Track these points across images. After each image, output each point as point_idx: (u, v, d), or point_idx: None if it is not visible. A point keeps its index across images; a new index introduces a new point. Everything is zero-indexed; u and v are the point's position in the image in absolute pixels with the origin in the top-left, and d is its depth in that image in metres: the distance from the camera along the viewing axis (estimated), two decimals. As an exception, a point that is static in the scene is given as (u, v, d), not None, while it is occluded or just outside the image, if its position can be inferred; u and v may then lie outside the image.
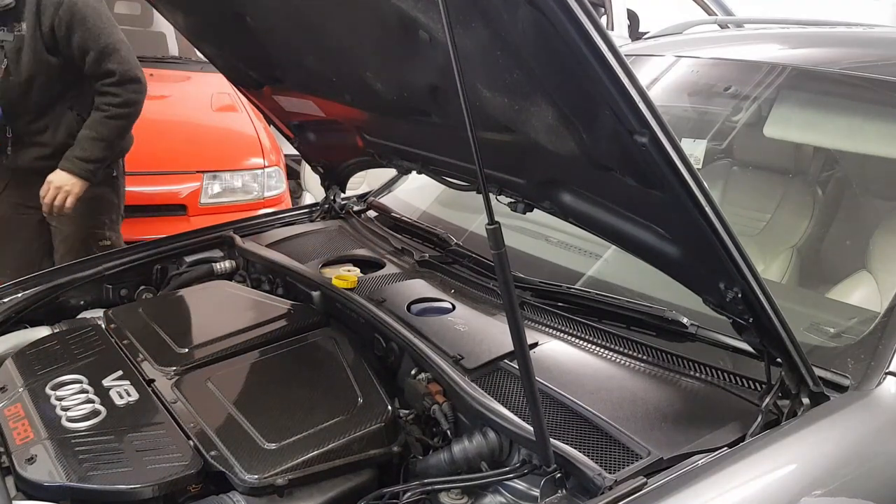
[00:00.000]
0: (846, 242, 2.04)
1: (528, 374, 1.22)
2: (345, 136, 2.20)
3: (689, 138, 2.25)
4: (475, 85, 1.37)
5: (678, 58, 2.51)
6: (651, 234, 1.44)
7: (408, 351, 1.73)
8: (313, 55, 1.80)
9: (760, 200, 2.21)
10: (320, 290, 2.06)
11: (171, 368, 1.74)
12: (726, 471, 1.28)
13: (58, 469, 1.42)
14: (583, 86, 1.14)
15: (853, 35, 2.65)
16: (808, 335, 1.62)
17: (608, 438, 1.40)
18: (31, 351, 1.83)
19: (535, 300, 1.89)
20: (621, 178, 1.33)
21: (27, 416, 1.58)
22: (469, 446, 1.47)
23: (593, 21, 1.02)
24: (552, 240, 2.14)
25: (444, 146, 1.84)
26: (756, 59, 2.43)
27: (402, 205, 2.54)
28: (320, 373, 1.75)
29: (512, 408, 1.49)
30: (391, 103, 1.71)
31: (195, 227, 2.54)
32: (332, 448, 1.48)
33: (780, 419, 1.42)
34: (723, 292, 1.33)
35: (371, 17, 1.44)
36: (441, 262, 2.16)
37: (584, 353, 1.71)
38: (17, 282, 2.11)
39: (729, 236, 1.22)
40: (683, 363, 1.62)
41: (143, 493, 1.39)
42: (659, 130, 1.11)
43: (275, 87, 2.11)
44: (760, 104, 2.24)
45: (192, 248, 2.38)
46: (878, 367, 1.47)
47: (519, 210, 1.72)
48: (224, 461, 1.44)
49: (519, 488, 1.43)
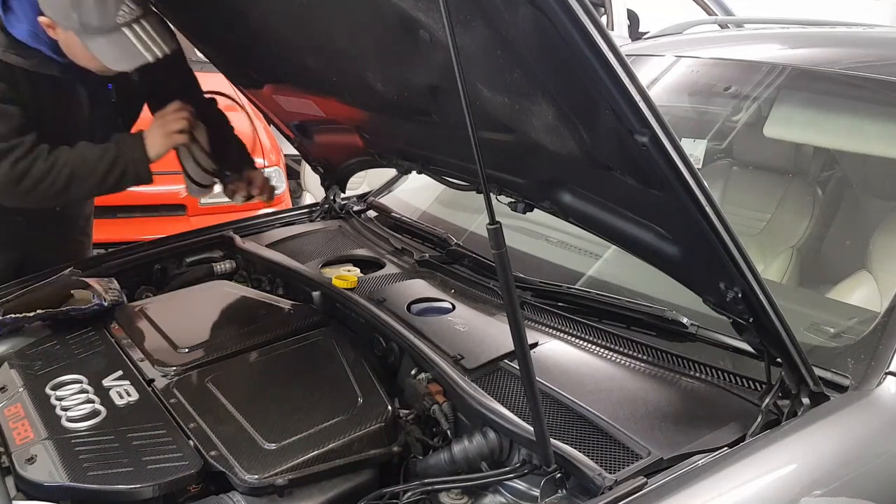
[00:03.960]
0: (846, 242, 2.04)
1: (529, 374, 1.22)
2: (345, 136, 2.20)
3: (689, 138, 2.25)
4: (476, 84, 1.37)
5: (678, 58, 2.51)
6: (651, 234, 1.44)
7: (408, 351, 1.73)
8: (314, 55, 1.79)
9: (760, 200, 2.21)
10: (320, 290, 2.06)
11: (171, 368, 1.74)
12: (726, 471, 1.28)
13: (58, 469, 1.42)
14: (583, 85, 1.14)
15: (853, 35, 2.65)
16: (808, 335, 1.62)
17: (608, 438, 1.40)
18: (31, 351, 1.83)
19: (536, 300, 1.89)
20: (621, 177, 1.33)
21: (27, 416, 1.58)
22: (469, 446, 1.46)
23: (594, 21, 1.02)
24: (552, 240, 2.14)
25: (445, 146, 1.84)
26: (756, 59, 2.43)
27: (402, 205, 2.54)
28: (320, 373, 1.75)
29: (512, 408, 1.49)
30: (391, 103, 1.71)
31: (195, 227, 2.53)
32: (332, 448, 1.48)
33: (780, 419, 1.42)
34: (723, 292, 1.33)
35: (371, 16, 1.44)
36: (441, 262, 2.16)
37: (584, 353, 1.71)
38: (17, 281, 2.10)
39: (729, 236, 1.22)
40: (683, 363, 1.62)
41: (143, 493, 1.39)
42: (659, 130, 1.10)
43: (275, 87, 2.11)
44: (760, 104, 2.24)
45: (192, 248, 2.38)
46: (878, 367, 1.47)
47: (519, 210, 1.72)
48: (224, 461, 1.44)
49: (519, 488, 1.42)
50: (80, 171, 1.91)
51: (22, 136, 1.85)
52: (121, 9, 1.72)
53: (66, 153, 1.90)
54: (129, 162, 1.96)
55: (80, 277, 2.04)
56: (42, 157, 1.87)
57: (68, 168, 1.89)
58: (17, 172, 1.85)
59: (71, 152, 1.91)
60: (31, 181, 1.87)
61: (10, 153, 1.84)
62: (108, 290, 2.03)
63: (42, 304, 1.93)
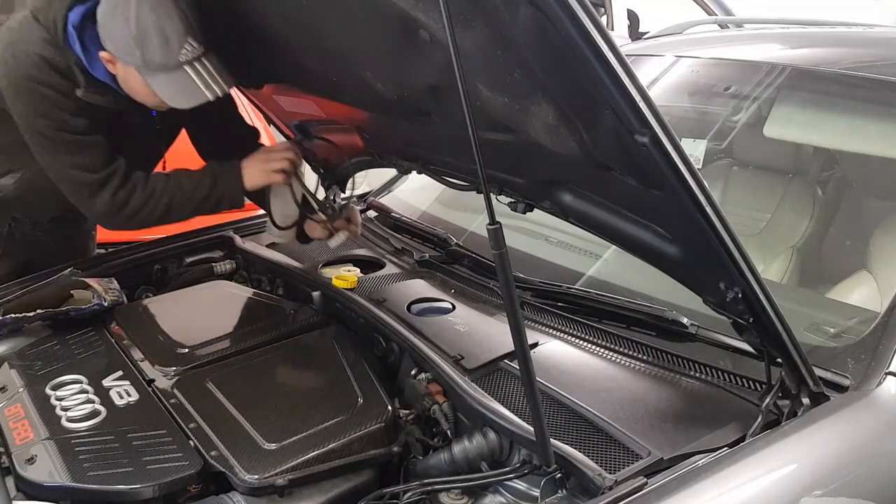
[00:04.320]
0: (846, 242, 2.04)
1: (529, 374, 1.22)
2: (345, 136, 2.20)
3: (689, 138, 2.25)
4: (476, 85, 1.36)
5: (678, 58, 2.51)
6: (651, 234, 1.43)
7: (408, 351, 1.73)
8: (313, 55, 1.79)
9: (760, 200, 2.21)
10: (320, 290, 2.06)
11: (171, 368, 1.74)
12: (726, 471, 1.28)
13: (58, 469, 1.42)
14: (583, 85, 1.14)
15: (853, 35, 2.65)
16: (808, 335, 1.62)
17: (608, 438, 1.40)
18: (31, 351, 1.83)
19: (536, 300, 1.89)
20: (622, 177, 1.33)
21: (27, 416, 1.58)
22: (469, 446, 1.46)
23: (594, 20, 1.02)
24: (552, 240, 2.14)
25: (445, 146, 1.84)
26: (756, 59, 2.43)
27: (402, 205, 2.54)
28: (320, 373, 1.75)
29: (512, 408, 1.49)
30: (391, 103, 1.71)
31: (195, 227, 2.53)
32: (332, 448, 1.48)
33: (780, 419, 1.42)
34: (723, 292, 1.33)
35: (371, 16, 1.44)
36: (441, 262, 2.16)
37: (584, 353, 1.71)
38: (18, 281, 2.11)
39: (729, 236, 1.22)
40: (683, 363, 1.62)
41: (143, 493, 1.39)
42: (659, 130, 1.10)
43: (275, 87, 2.11)
44: (760, 104, 2.24)
45: (192, 248, 2.38)
46: (878, 367, 1.47)
47: (519, 210, 1.72)
48: (224, 461, 1.44)
49: (519, 488, 1.43)
50: (178, 198, 1.94)
51: (112, 163, 1.89)
52: (184, 47, 1.73)
53: (163, 181, 1.94)
54: (225, 190, 1.98)
55: (80, 277, 2.04)
56: (140, 187, 1.90)
57: (167, 197, 1.93)
58: (118, 202, 1.89)
59: (168, 180, 1.94)
60: (131, 210, 1.91)
61: (108, 183, 1.88)
62: (108, 290, 2.03)
63: (42, 304, 1.93)
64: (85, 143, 1.86)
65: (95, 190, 1.87)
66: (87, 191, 1.88)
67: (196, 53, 1.75)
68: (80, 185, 1.88)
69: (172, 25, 1.70)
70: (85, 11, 1.78)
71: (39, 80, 1.79)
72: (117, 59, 1.77)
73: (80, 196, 1.90)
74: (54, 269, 2.09)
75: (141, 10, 1.68)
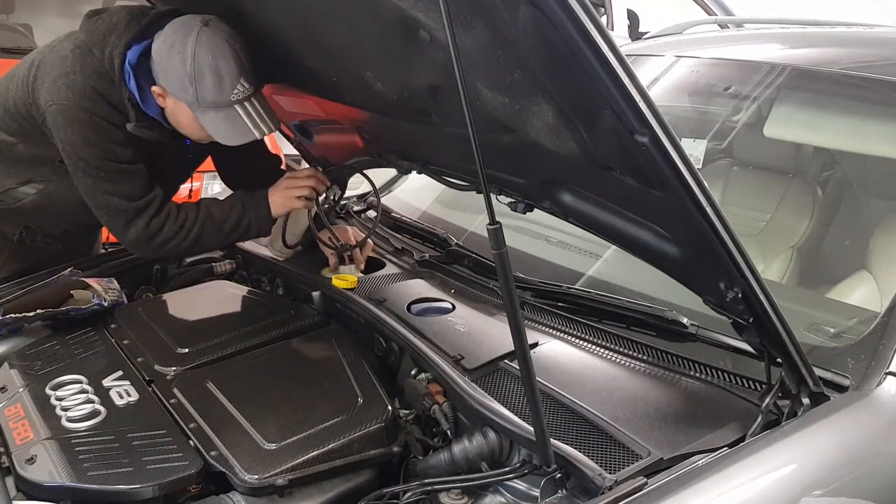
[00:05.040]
0: (846, 242, 2.04)
1: (529, 374, 1.22)
2: (345, 136, 2.20)
3: (689, 138, 2.25)
4: (476, 85, 1.36)
5: (678, 58, 2.51)
6: (651, 234, 1.43)
7: (408, 351, 1.73)
8: (313, 55, 1.80)
9: (760, 200, 2.21)
10: (320, 290, 2.06)
11: (171, 368, 1.74)
12: (726, 471, 1.28)
13: (58, 469, 1.42)
14: (583, 85, 1.14)
15: (853, 35, 2.65)
16: (808, 335, 1.62)
17: (608, 438, 1.40)
18: (31, 351, 1.83)
19: (536, 300, 1.89)
20: (622, 177, 1.33)
21: (27, 416, 1.58)
22: (469, 446, 1.46)
23: (594, 20, 1.02)
24: (552, 240, 2.14)
25: (445, 146, 1.84)
26: (756, 59, 2.43)
27: (402, 205, 2.54)
28: (320, 373, 1.75)
29: (512, 408, 1.49)
30: (391, 103, 1.71)
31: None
32: (332, 448, 1.48)
33: (780, 419, 1.42)
34: (723, 292, 1.33)
35: (371, 16, 1.44)
36: (441, 262, 2.16)
37: (584, 353, 1.71)
38: (17, 281, 2.10)
39: (729, 236, 1.22)
40: (683, 363, 1.62)
41: (143, 493, 1.39)
42: (659, 130, 1.10)
43: (275, 87, 2.11)
44: (760, 104, 2.24)
45: (192, 248, 2.37)
46: (878, 367, 1.47)
47: (519, 210, 1.72)
48: (224, 461, 1.44)
49: (519, 488, 1.42)
50: (209, 228, 1.98)
51: (151, 191, 1.92)
52: (236, 87, 1.78)
53: (194, 212, 1.97)
54: (253, 219, 2.02)
55: (80, 277, 2.04)
56: (172, 217, 1.94)
57: (197, 227, 1.96)
58: (151, 231, 1.92)
59: (199, 211, 1.98)
60: (162, 239, 1.94)
61: (145, 212, 1.91)
62: (108, 290, 2.03)
63: (42, 304, 1.93)
64: (128, 172, 1.90)
65: (132, 217, 1.91)
66: (123, 218, 1.91)
67: (247, 93, 1.81)
68: (119, 212, 1.91)
69: (227, 67, 1.76)
70: (141, 51, 1.83)
71: (94, 111, 1.83)
72: (168, 94, 1.82)
73: (116, 222, 1.94)
74: (54, 269, 2.09)
75: (199, 50, 1.74)
